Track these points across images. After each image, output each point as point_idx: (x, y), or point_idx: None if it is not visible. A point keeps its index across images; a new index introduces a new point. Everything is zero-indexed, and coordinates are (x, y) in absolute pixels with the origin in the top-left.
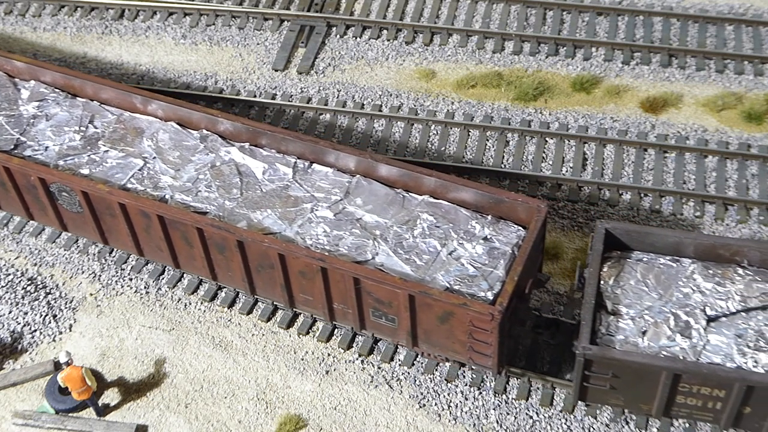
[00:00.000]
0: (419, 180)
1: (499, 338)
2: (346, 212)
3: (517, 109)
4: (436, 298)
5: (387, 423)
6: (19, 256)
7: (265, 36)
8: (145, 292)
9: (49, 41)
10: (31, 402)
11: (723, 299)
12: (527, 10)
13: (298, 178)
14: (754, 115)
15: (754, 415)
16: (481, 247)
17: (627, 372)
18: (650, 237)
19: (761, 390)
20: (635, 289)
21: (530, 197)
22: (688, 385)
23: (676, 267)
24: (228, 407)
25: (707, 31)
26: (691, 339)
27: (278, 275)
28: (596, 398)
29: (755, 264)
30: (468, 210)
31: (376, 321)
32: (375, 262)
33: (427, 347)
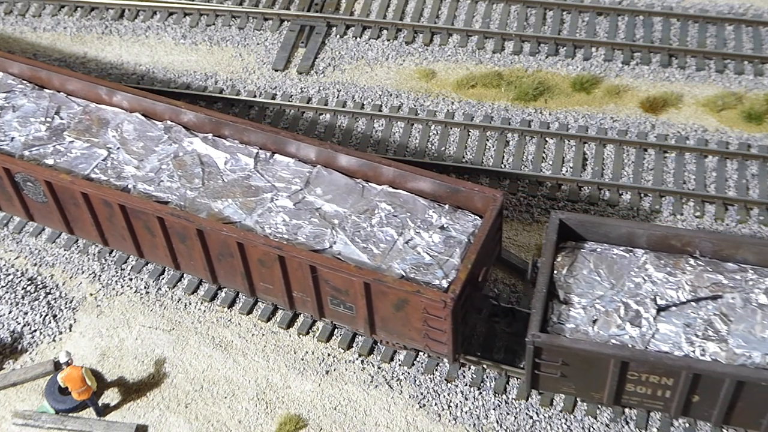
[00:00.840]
0: (378, 170)
1: (453, 325)
2: (306, 202)
3: (517, 109)
4: (390, 285)
5: (387, 423)
6: (19, 256)
7: (265, 36)
8: (145, 292)
9: (49, 41)
10: (31, 402)
11: (674, 289)
12: (527, 10)
13: (260, 168)
14: (754, 115)
15: (702, 404)
16: (437, 236)
17: (576, 360)
18: (603, 227)
19: (707, 378)
20: (588, 279)
21: (486, 187)
22: (636, 374)
23: (629, 257)
24: (228, 407)
25: (707, 31)
26: (640, 328)
27: (238, 264)
28: (548, 386)
29: (707, 255)
30: (426, 200)
31: (334, 309)
32: (332, 250)
33: (384, 335)
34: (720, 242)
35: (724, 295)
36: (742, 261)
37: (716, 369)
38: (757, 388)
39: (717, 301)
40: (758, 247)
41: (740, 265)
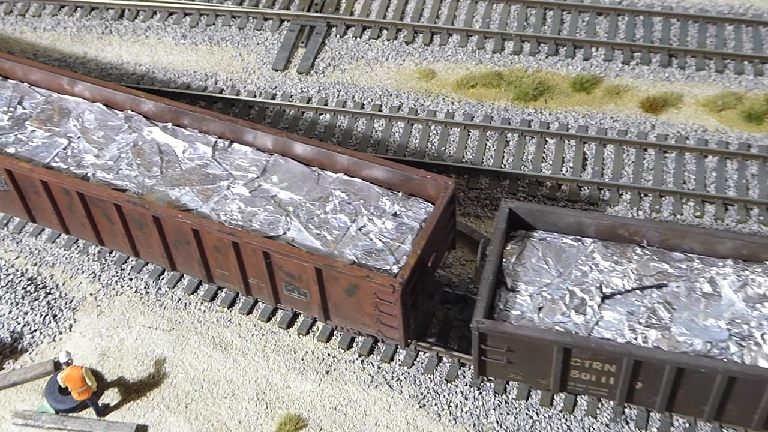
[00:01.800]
0: (333, 158)
1: (402, 310)
2: (262, 189)
3: (517, 109)
4: (341, 270)
5: (387, 423)
6: (19, 256)
7: (265, 36)
8: (145, 292)
9: (49, 41)
10: (31, 402)
11: (619, 277)
12: (527, 10)
13: (218, 156)
14: (754, 115)
15: (646, 391)
16: (390, 223)
17: (521, 346)
18: (552, 216)
19: (648, 365)
20: (536, 267)
21: (439, 174)
22: (580, 360)
23: (577, 246)
24: (228, 407)
25: (707, 31)
26: (585, 315)
27: (194, 251)
28: (496, 373)
29: (654, 244)
30: (380, 187)
31: (289, 295)
32: (286, 237)
33: (339, 320)
34: (666, 232)
35: (669, 284)
36: (688, 250)
37: (656, 356)
38: (696, 375)
39: (662, 289)
40: (704, 236)
41: (687, 255)
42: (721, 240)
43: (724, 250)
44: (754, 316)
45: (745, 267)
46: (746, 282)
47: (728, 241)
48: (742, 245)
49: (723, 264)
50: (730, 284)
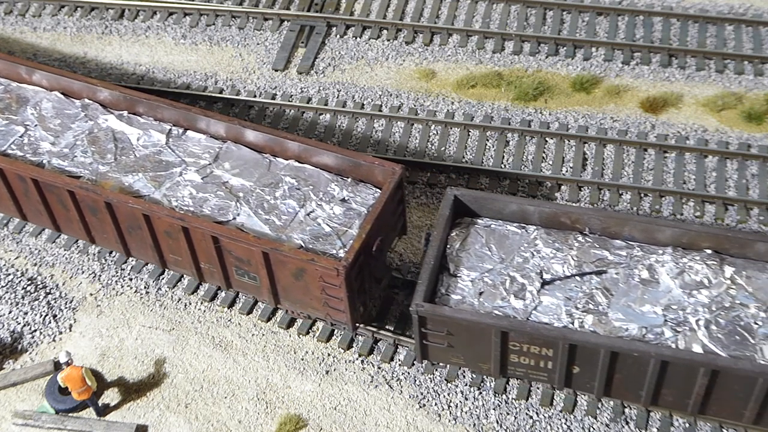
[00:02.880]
0: (284, 145)
1: (348, 293)
2: (214, 176)
3: (517, 109)
4: (287, 254)
5: (387, 423)
6: (19, 256)
7: (265, 36)
8: (145, 292)
9: (49, 41)
10: (31, 402)
11: (560, 264)
12: (527, 10)
13: (172, 143)
14: (754, 115)
15: (583, 375)
16: (338, 208)
17: (460, 330)
18: (497, 204)
19: (583, 349)
20: (479, 253)
21: (386, 160)
22: (518, 344)
23: (521, 233)
24: (228, 407)
25: (707, 31)
26: (524, 300)
27: (146, 236)
28: (438, 357)
29: (596, 231)
30: (330, 173)
31: (240, 279)
32: (236, 222)
33: (289, 305)
34: (607, 219)
35: (609, 271)
36: (630, 238)
37: (590, 339)
38: (631, 360)
39: (601, 276)
40: (644, 224)
41: (627, 242)
42: (660, 228)
43: (664, 238)
44: (690, 303)
45: (684, 255)
46: (684, 269)
47: (667, 229)
48: (682, 233)
49: (663, 252)
50: (668, 271)
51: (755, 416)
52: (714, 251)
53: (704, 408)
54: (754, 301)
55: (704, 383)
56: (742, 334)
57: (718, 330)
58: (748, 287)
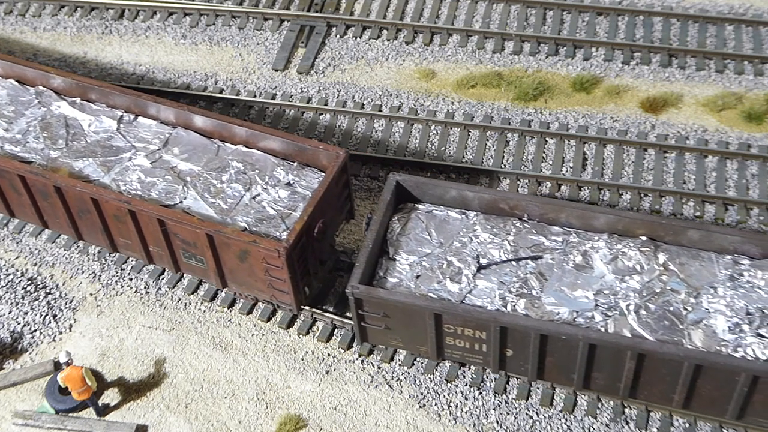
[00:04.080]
0: (232, 130)
1: (290, 274)
2: (163, 161)
3: (517, 109)
4: (230, 236)
5: (387, 423)
6: (19, 256)
7: (265, 36)
8: (145, 292)
9: (49, 41)
10: (31, 402)
11: (497, 249)
12: (527, 10)
13: (123, 129)
14: (754, 115)
15: (516, 358)
16: (283, 192)
17: (396, 312)
18: (438, 190)
19: (515, 332)
20: (418, 238)
21: (331, 145)
22: (452, 327)
23: (461, 219)
24: (228, 407)
25: (707, 31)
26: (459, 284)
27: (96, 220)
28: (376, 339)
29: (535, 218)
30: (277, 158)
31: (187, 262)
32: (182, 205)
33: (236, 287)
34: (544, 206)
35: (544, 256)
36: (567, 224)
37: (520, 322)
38: (560, 343)
39: (537, 261)
40: (580, 211)
41: (565, 229)
42: (596, 215)
43: (600, 225)
44: (622, 288)
45: (619, 241)
46: (617, 255)
47: (603, 216)
48: (617, 220)
49: (598, 238)
50: (602, 257)
51: (684, 400)
52: (649, 238)
53: (635, 392)
54: (686, 287)
55: (632, 366)
56: (672, 319)
57: (648, 315)
58: (681, 274)
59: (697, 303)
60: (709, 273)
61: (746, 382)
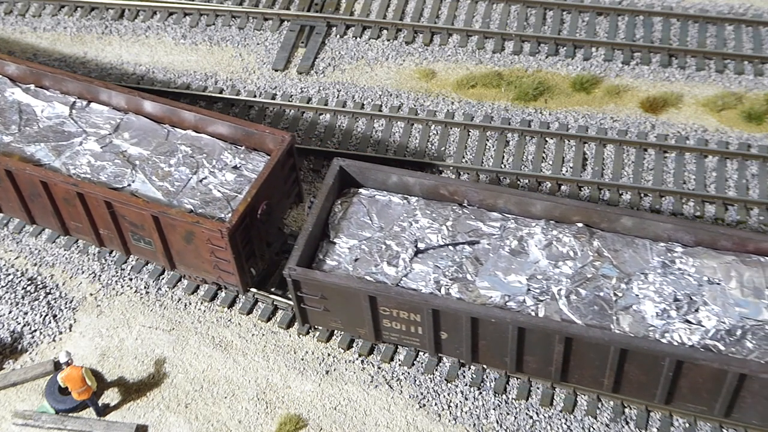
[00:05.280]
0: (181, 115)
1: (234, 255)
2: (113, 145)
3: (517, 109)
4: (174, 217)
5: (387, 423)
6: (19, 256)
7: (265, 36)
8: (145, 292)
9: (49, 41)
10: (31, 402)
11: (435, 233)
12: (527, 10)
13: (75, 115)
14: (754, 115)
15: (451, 341)
16: (230, 175)
17: (333, 294)
18: (380, 175)
19: (446, 314)
20: (359, 222)
21: (277, 129)
22: (388, 309)
23: (403, 204)
24: (228, 407)
25: (707, 31)
26: (396, 267)
27: (47, 203)
28: (317, 321)
29: (474, 204)
30: (225, 142)
31: (136, 245)
32: (130, 188)
33: (184, 269)
34: (483, 192)
35: (481, 241)
36: (505, 210)
37: (450, 305)
38: (491, 326)
39: (473, 246)
40: (518, 198)
41: (503, 215)
42: (533, 201)
43: (537, 211)
44: (555, 273)
45: (555, 227)
46: (552, 241)
47: (539, 202)
48: (553, 207)
49: (535, 224)
50: (537, 243)
51: (613, 384)
52: (585, 225)
53: (566, 375)
54: (618, 273)
55: (561, 350)
56: (602, 304)
57: (578, 300)
58: (614, 260)
59: (627, 289)
60: (642, 260)
61: (671, 367)
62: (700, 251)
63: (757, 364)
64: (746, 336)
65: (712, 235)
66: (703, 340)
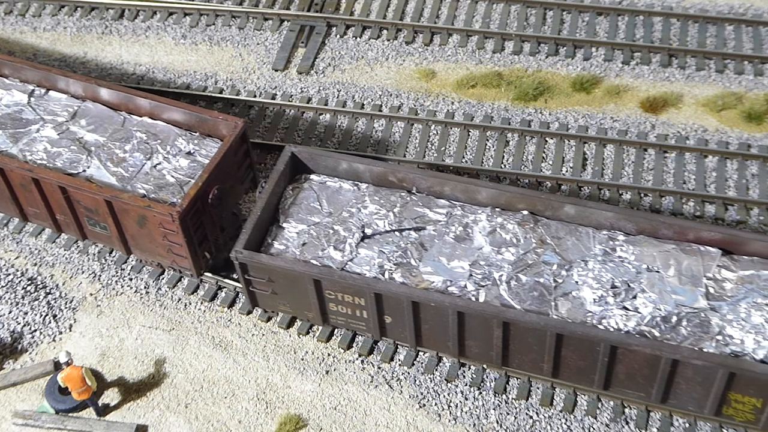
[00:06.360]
0: (136, 102)
1: (186, 239)
2: (70, 132)
3: (517, 109)
4: (126, 201)
5: (387, 423)
6: (19, 256)
7: (265, 36)
8: (145, 292)
9: (49, 41)
10: (31, 402)
11: (382, 219)
12: (527, 10)
13: (33, 103)
14: (754, 115)
15: (395, 325)
16: (184, 161)
17: (279, 277)
18: (330, 161)
19: (388, 298)
20: (309, 207)
21: (231, 116)
22: (333, 292)
23: (353, 190)
24: (228, 407)
25: (707, 31)
26: (342, 252)
27: (4, 188)
28: (266, 304)
29: (423, 191)
30: (180, 129)
31: (93, 230)
32: (85, 174)
33: (139, 253)
34: (430, 179)
35: (427, 227)
36: (453, 198)
37: (391, 289)
38: (432, 310)
39: (419, 232)
40: (464, 185)
41: (451, 202)
42: (479, 189)
43: (483, 199)
44: (497, 260)
45: (500, 215)
46: (496, 228)
47: (485, 190)
48: (499, 194)
49: (481, 211)
50: (481, 230)
51: (552, 369)
52: (530, 213)
53: (507, 360)
54: (559, 260)
55: (500, 335)
56: (541, 290)
57: (518, 286)
58: (557, 247)
59: (567, 276)
60: (584, 247)
61: (606, 352)
62: (642, 240)
63: (689, 350)
64: (681, 323)
65: (653, 223)
66: (639, 326)
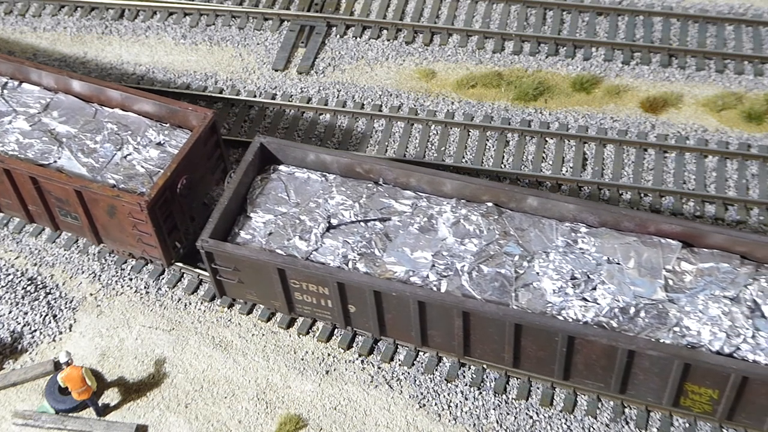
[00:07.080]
0: (108, 94)
1: (155, 228)
2: (42, 123)
3: (517, 109)
4: (96, 191)
5: (387, 423)
6: (19, 256)
7: (265, 36)
8: (145, 292)
9: (49, 41)
10: (31, 402)
11: (348, 210)
12: (527, 10)
13: (6, 95)
14: (754, 115)
15: (359, 315)
16: (154, 151)
17: (245, 266)
18: (299, 152)
19: (351, 288)
20: (277, 198)
21: (200, 107)
22: (297, 282)
23: (321, 181)
24: (228, 407)
25: (707, 31)
26: (308, 242)
27: None
28: (233, 293)
29: (390, 182)
30: (151, 120)
31: (64, 220)
32: (56, 164)
33: (110, 243)
34: (396, 171)
35: (392, 218)
36: (419, 189)
37: (354, 278)
38: (394, 300)
39: (384, 222)
40: (430, 177)
41: (417, 193)
42: (444, 181)
43: (448, 190)
44: (460, 250)
45: (465, 206)
46: (460, 219)
47: (450, 182)
48: (463, 186)
49: (447, 203)
50: (445, 221)
51: (513, 359)
52: (495, 204)
53: (469, 350)
54: (521, 251)
55: (460, 324)
56: (502, 281)
57: (480, 276)
58: (519, 239)
59: (529, 267)
60: (547, 239)
61: (564, 343)
62: (603, 232)
63: (645, 341)
64: (639, 314)
65: (614, 216)
66: (598, 317)
